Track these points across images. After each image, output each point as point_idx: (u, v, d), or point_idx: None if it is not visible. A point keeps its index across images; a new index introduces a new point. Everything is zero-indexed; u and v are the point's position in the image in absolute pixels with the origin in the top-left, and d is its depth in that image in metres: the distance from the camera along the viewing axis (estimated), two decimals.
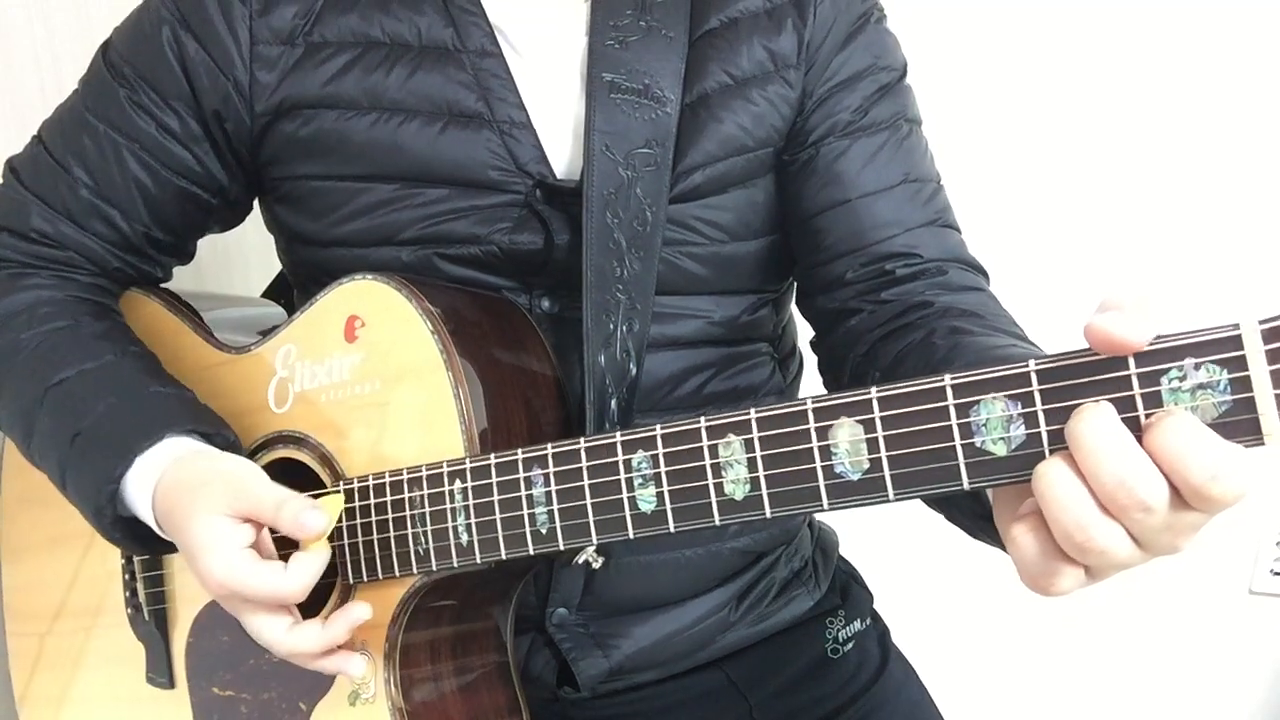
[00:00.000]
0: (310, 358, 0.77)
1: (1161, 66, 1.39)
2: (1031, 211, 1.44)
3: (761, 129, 0.79)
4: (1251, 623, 1.50)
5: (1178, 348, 0.46)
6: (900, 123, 0.81)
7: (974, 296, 0.78)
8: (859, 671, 0.89)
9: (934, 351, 0.69)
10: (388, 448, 0.73)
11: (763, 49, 0.79)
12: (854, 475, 0.54)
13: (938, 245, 0.79)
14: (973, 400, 0.51)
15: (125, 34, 0.82)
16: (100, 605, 0.90)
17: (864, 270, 0.79)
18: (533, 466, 0.65)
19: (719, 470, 0.58)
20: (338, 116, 0.78)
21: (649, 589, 0.83)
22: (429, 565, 0.69)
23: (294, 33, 0.78)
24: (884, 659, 0.91)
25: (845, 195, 0.79)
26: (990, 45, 1.42)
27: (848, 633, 0.91)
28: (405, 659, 0.72)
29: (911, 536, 1.33)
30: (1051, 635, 1.51)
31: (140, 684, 0.86)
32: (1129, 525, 0.46)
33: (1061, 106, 1.42)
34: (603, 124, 0.76)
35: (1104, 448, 0.46)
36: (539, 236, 0.77)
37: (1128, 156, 1.42)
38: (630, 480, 0.61)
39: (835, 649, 0.90)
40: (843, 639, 0.91)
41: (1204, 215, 1.41)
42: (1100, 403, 0.47)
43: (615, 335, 0.76)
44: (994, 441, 0.50)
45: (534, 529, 0.65)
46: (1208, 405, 0.46)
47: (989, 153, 1.40)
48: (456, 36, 0.78)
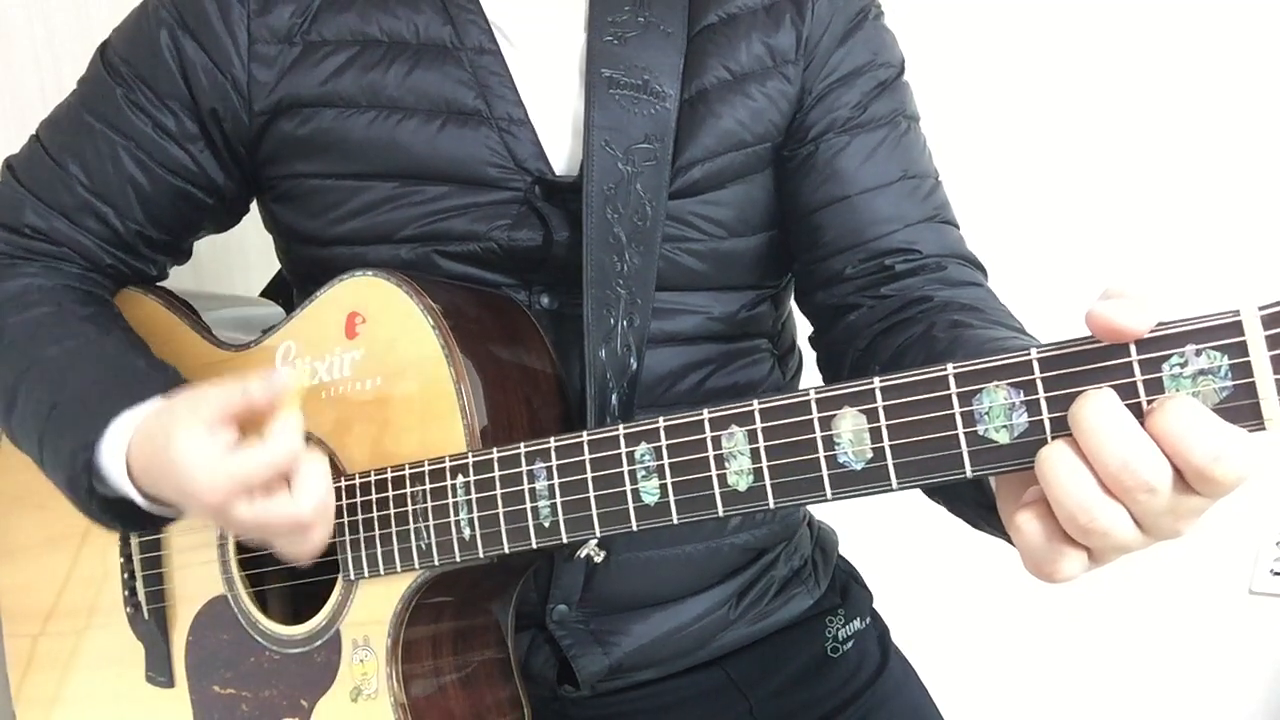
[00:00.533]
0: (311, 354, 0.77)
1: (1157, 61, 1.39)
2: (1028, 206, 1.44)
3: (760, 124, 0.79)
4: (1251, 623, 1.49)
5: (1178, 334, 0.47)
6: (899, 119, 0.82)
7: (973, 291, 0.78)
8: (858, 671, 0.89)
9: (935, 344, 0.69)
10: (389, 443, 0.73)
11: (761, 44, 0.79)
12: (857, 465, 0.54)
13: (937, 241, 0.80)
14: (975, 389, 0.51)
15: (123, 34, 0.83)
16: (98, 604, 0.89)
17: (863, 266, 0.79)
18: (535, 460, 0.65)
19: (722, 461, 0.58)
20: (336, 115, 0.78)
21: (649, 585, 0.83)
22: (431, 560, 0.69)
23: (291, 31, 0.79)
24: (883, 658, 0.91)
25: (844, 191, 0.79)
26: (986, 41, 1.42)
27: (847, 632, 0.91)
28: (407, 654, 0.72)
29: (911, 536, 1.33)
30: (1051, 635, 1.51)
31: (140, 683, 0.86)
32: (1132, 507, 0.46)
33: (1057, 102, 1.42)
34: (602, 120, 0.77)
35: (1107, 429, 0.46)
36: (538, 233, 0.78)
37: (1124, 151, 1.42)
38: (634, 472, 0.61)
39: (835, 648, 0.90)
40: (842, 638, 0.91)
41: (1200, 209, 1.42)
42: (1103, 388, 0.47)
43: (616, 330, 0.76)
44: (996, 429, 0.51)
45: (537, 522, 0.65)
46: (1209, 391, 0.46)
47: (986, 148, 1.40)
48: (454, 34, 0.78)
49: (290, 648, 0.77)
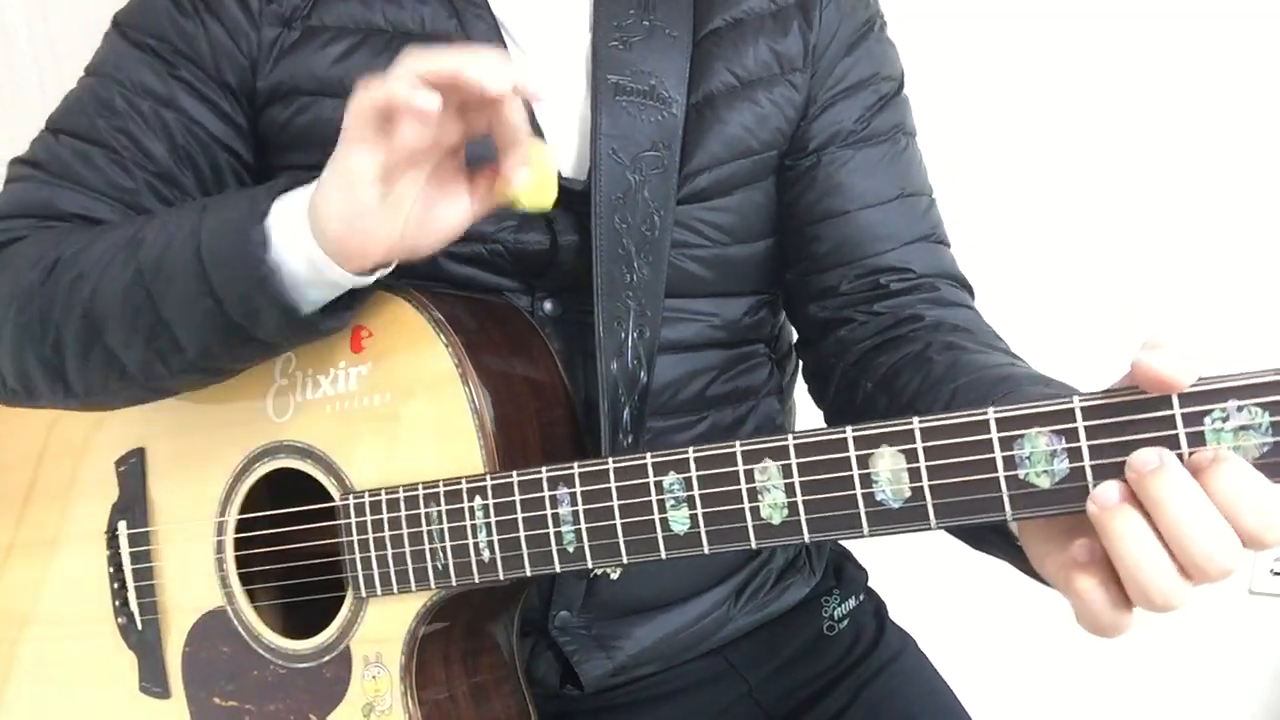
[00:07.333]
0: (313, 367, 0.75)
1: (1153, 76, 1.38)
2: (1023, 219, 1.43)
3: (766, 131, 0.79)
4: (1251, 623, 1.49)
5: (1221, 390, 0.48)
6: (899, 135, 0.82)
7: (962, 313, 0.80)
8: (855, 644, 0.90)
9: (932, 366, 0.71)
10: (400, 461, 0.72)
11: (769, 50, 0.79)
12: (895, 504, 0.55)
13: (930, 261, 0.81)
14: (1017, 434, 0.52)
15: (136, 13, 0.79)
16: (84, 612, 0.87)
17: (858, 282, 0.80)
18: (558, 485, 0.65)
19: (755, 495, 0.59)
20: (336, 105, 0.75)
21: (651, 590, 0.84)
22: (448, 580, 0.69)
23: (293, 15, 0.77)
24: (880, 630, 0.92)
25: (844, 206, 0.80)
26: (985, 53, 1.40)
27: (843, 610, 0.92)
28: (421, 671, 0.72)
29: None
30: (1051, 635, 1.49)
31: (134, 693, 0.84)
32: (1200, 579, 0.48)
33: (1055, 113, 1.41)
34: (609, 128, 0.76)
35: (1192, 522, 0.47)
36: (545, 236, 0.77)
37: (1120, 166, 1.41)
38: (662, 501, 0.61)
39: (831, 626, 0.91)
40: (838, 616, 0.92)
41: (1199, 227, 1.40)
42: (1179, 471, 0.47)
43: (627, 343, 0.76)
44: (1038, 474, 0.52)
45: (561, 547, 0.65)
46: (1250, 446, 0.48)
47: (981, 160, 1.38)
48: (460, 28, 0.77)
49: (296, 662, 0.76)
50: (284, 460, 0.76)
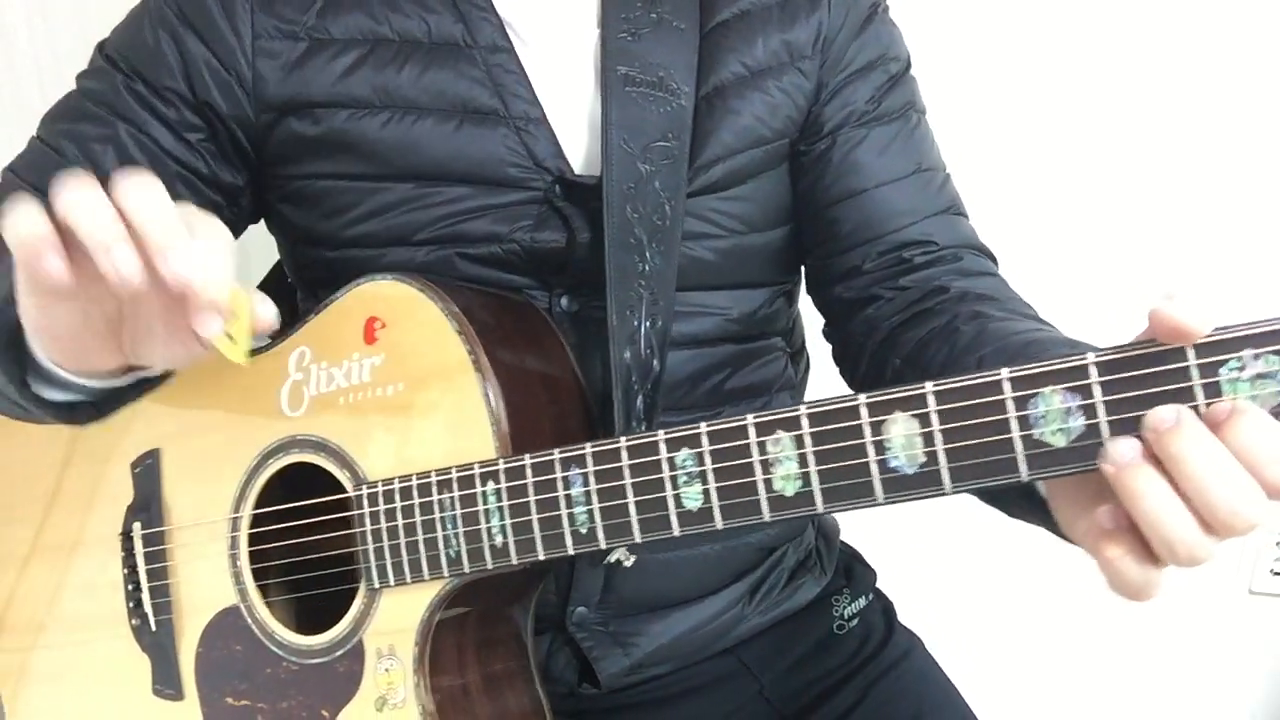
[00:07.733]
0: (327, 360, 0.75)
1: (1161, 56, 1.36)
2: (1032, 201, 1.41)
3: (778, 120, 0.80)
4: (1251, 623, 1.48)
5: (1237, 339, 0.48)
6: (910, 113, 0.83)
7: (988, 281, 0.79)
8: (864, 644, 0.90)
9: (959, 337, 0.70)
10: (414, 450, 0.71)
11: (779, 40, 0.80)
12: (909, 469, 0.54)
13: (952, 233, 0.81)
14: (1031, 393, 0.51)
15: (122, 29, 0.81)
16: (98, 616, 0.87)
17: (882, 259, 0.80)
18: (570, 466, 0.64)
19: (768, 466, 0.58)
20: (349, 116, 0.76)
21: (668, 586, 0.83)
22: (461, 567, 0.68)
23: (297, 26, 0.77)
24: (888, 629, 0.92)
25: (861, 185, 0.80)
26: (989, 35, 1.39)
27: (853, 609, 0.92)
28: (435, 663, 0.71)
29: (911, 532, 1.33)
30: (1053, 635, 1.50)
31: (146, 695, 0.83)
32: (1224, 534, 0.47)
33: (1061, 98, 1.39)
34: (619, 118, 0.76)
35: (1214, 477, 0.46)
36: (561, 234, 0.77)
37: (1130, 148, 1.38)
38: (675, 478, 0.61)
39: (841, 625, 0.91)
40: (848, 615, 0.92)
41: (1210, 209, 1.37)
42: (1183, 414, 0.47)
43: (639, 331, 0.76)
44: (1052, 433, 0.51)
45: (573, 529, 0.64)
46: (1267, 395, 0.47)
47: (988, 143, 1.37)
48: (467, 32, 0.77)
49: (309, 658, 0.76)
50: (297, 455, 0.76)
